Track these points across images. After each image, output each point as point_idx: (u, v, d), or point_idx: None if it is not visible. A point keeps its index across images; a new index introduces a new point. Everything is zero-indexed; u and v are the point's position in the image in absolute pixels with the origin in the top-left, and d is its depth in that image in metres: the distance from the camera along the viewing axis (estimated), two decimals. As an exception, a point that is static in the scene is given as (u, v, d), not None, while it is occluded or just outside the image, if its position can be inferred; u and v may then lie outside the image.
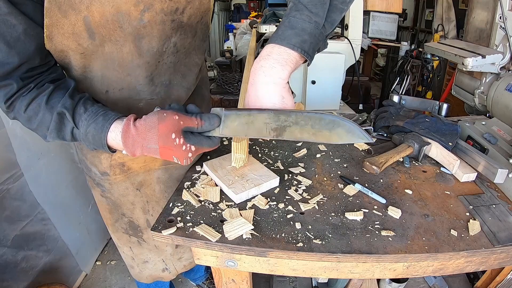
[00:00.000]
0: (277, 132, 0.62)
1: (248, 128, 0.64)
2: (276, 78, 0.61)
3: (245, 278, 0.84)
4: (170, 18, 0.70)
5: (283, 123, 0.62)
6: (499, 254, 0.72)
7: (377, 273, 0.75)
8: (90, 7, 0.60)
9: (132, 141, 0.62)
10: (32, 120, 0.65)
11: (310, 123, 0.62)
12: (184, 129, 0.62)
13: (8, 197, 1.26)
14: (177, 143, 0.61)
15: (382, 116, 1.21)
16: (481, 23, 1.30)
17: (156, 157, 0.64)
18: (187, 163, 0.65)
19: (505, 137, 1.05)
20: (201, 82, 1.02)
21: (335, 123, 0.62)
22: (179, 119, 0.61)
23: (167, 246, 1.09)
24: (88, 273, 1.77)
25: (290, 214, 0.77)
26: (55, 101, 0.64)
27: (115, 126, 0.63)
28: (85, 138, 0.65)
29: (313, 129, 0.62)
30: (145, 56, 0.73)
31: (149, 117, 0.62)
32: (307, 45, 0.62)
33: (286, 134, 0.62)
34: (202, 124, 0.63)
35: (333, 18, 0.65)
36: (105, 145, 0.64)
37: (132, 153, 0.64)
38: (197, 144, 0.64)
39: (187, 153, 0.64)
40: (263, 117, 0.63)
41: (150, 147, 0.62)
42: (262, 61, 0.62)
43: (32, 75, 0.64)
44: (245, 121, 0.64)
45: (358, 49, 1.60)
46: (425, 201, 0.83)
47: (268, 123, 0.62)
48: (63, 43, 0.64)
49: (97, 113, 0.64)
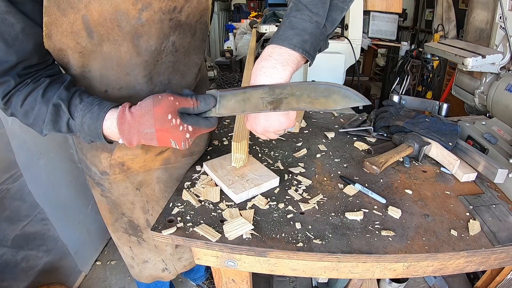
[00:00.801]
0: (273, 104, 0.62)
1: (244, 105, 0.63)
2: (277, 78, 0.61)
3: (245, 278, 0.84)
4: (168, 17, 0.70)
5: (279, 95, 0.62)
6: (499, 254, 0.72)
7: (377, 273, 0.75)
8: (88, 6, 0.61)
9: (128, 127, 0.62)
10: (29, 115, 0.65)
11: (306, 92, 0.61)
12: (180, 110, 0.62)
13: (7, 197, 1.26)
14: (174, 124, 0.61)
15: (382, 116, 1.21)
16: (481, 23, 1.30)
17: (154, 144, 0.63)
18: (185, 147, 0.65)
19: (505, 137, 1.05)
20: (200, 82, 1.02)
21: (331, 90, 0.61)
22: (174, 99, 0.61)
23: (167, 246, 1.09)
24: (88, 273, 1.77)
25: (290, 214, 0.77)
26: (51, 93, 0.64)
27: (110, 114, 0.63)
28: (81, 128, 0.65)
29: (309, 97, 0.61)
30: (144, 55, 0.73)
31: (144, 101, 0.62)
32: (308, 45, 0.62)
33: (283, 105, 0.62)
34: (198, 104, 0.63)
35: (334, 18, 0.65)
36: (101, 134, 0.64)
37: (128, 141, 0.63)
38: (194, 124, 0.64)
39: (184, 134, 0.63)
40: (259, 93, 0.62)
41: (147, 131, 0.61)
42: (263, 61, 0.62)
43: (29, 72, 0.64)
44: (241, 98, 0.63)
45: (358, 49, 1.60)
46: (425, 201, 0.83)
47: (264, 97, 0.62)
48: (62, 41, 0.65)
49: (93, 103, 0.64)
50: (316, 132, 1.21)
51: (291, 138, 1.15)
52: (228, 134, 1.18)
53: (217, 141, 1.12)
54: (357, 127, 1.22)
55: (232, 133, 0.91)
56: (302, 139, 1.15)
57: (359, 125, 1.23)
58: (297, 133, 1.19)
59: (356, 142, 1.13)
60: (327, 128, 1.24)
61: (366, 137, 1.17)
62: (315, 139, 1.15)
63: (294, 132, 1.20)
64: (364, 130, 1.20)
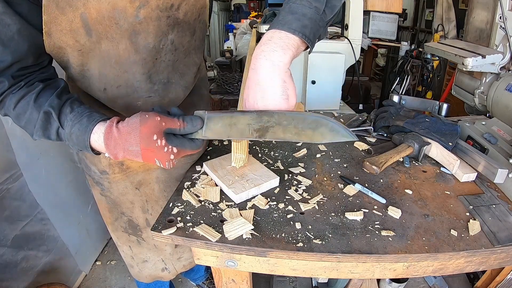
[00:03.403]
0: (259, 132, 0.62)
1: (230, 130, 0.63)
2: (277, 61, 0.60)
3: (245, 278, 0.84)
4: (166, 15, 0.70)
5: (266, 123, 0.61)
6: (499, 254, 0.72)
7: (377, 273, 0.75)
8: (87, 4, 0.61)
9: (114, 144, 0.62)
10: (21, 118, 0.66)
11: (293, 123, 0.61)
12: (166, 131, 0.62)
13: (7, 197, 1.26)
14: (159, 144, 0.61)
15: (382, 116, 1.21)
16: (481, 23, 1.29)
17: (138, 160, 0.63)
18: (169, 167, 0.65)
19: (505, 137, 1.05)
20: (200, 81, 1.02)
21: (318, 123, 0.61)
22: (161, 120, 0.61)
23: (166, 245, 1.09)
24: (88, 273, 1.77)
25: (290, 214, 0.76)
26: (43, 100, 0.64)
27: (98, 128, 0.64)
28: (70, 138, 0.65)
29: (296, 128, 0.61)
30: (142, 53, 0.73)
31: (131, 119, 0.62)
32: (308, 30, 0.61)
33: (269, 134, 0.62)
34: (184, 125, 0.63)
35: (333, 4, 0.65)
36: (88, 146, 0.64)
37: (114, 156, 0.64)
38: (179, 146, 0.64)
39: (168, 155, 0.63)
40: (246, 119, 0.62)
41: (132, 149, 0.62)
42: (263, 45, 0.61)
43: (24, 73, 0.65)
44: (228, 123, 0.63)
45: (358, 49, 1.60)
46: (425, 201, 0.83)
47: (251, 124, 0.62)
48: (61, 39, 0.65)
49: (83, 114, 0.65)
50: (316, 132, 1.21)
51: (291, 138, 1.15)
52: (228, 134, 1.17)
53: (217, 141, 1.12)
54: (357, 127, 1.22)
55: (232, 133, 0.91)
56: (302, 139, 1.15)
57: (359, 125, 1.23)
58: (297, 133, 1.19)
59: (356, 142, 1.13)
60: (327, 128, 1.24)
61: (366, 137, 1.17)
62: (315, 139, 1.15)
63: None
64: (364, 130, 1.20)
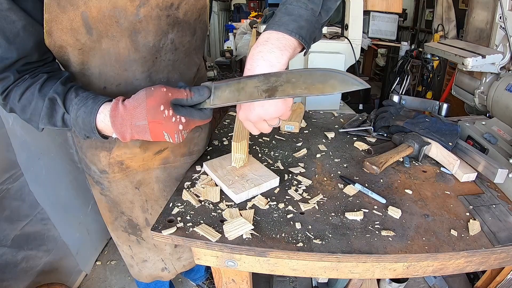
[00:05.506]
0: (269, 92, 0.60)
1: (239, 94, 0.62)
2: (275, 62, 0.60)
3: (245, 278, 0.84)
4: (166, 13, 0.71)
5: (274, 83, 0.60)
6: (499, 254, 0.72)
7: (377, 273, 0.75)
8: (87, 3, 0.62)
9: (121, 120, 0.61)
10: (26, 109, 0.66)
11: (301, 79, 0.59)
12: (173, 101, 0.62)
13: (8, 197, 1.26)
14: (166, 115, 0.60)
15: (382, 116, 1.21)
16: (481, 23, 1.30)
17: (147, 137, 0.63)
18: (179, 140, 0.64)
19: (505, 137, 1.05)
20: (199, 82, 1.02)
21: (327, 76, 0.59)
22: (167, 91, 0.61)
23: (166, 245, 1.09)
24: (88, 273, 1.77)
25: (290, 214, 0.77)
26: (48, 88, 0.65)
27: (104, 108, 0.63)
28: (75, 123, 0.65)
29: (305, 83, 0.59)
30: (141, 51, 0.73)
31: (137, 94, 0.62)
32: (304, 31, 0.61)
33: (279, 92, 0.60)
34: (191, 95, 0.62)
35: (329, 6, 0.65)
36: (95, 128, 0.64)
37: (121, 135, 0.63)
38: (187, 115, 0.63)
39: (177, 125, 0.62)
40: (253, 82, 0.61)
41: (139, 124, 0.61)
42: (260, 46, 0.61)
43: (29, 68, 0.65)
44: (236, 88, 0.62)
45: (358, 49, 1.60)
46: (425, 201, 0.83)
47: (259, 86, 0.60)
48: (62, 38, 0.65)
49: (87, 97, 0.65)
50: (316, 132, 1.21)
51: (291, 138, 1.15)
52: (228, 134, 1.18)
53: (217, 141, 1.12)
54: (357, 127, 1.22)
55: (232, 133, 0.91)
56: (302, 139, 1.15)
57: (359, 125, 1.23)
58: (297, 133, 1.19)
59: (356, 142, 1.13)
60: (327, 128, 1.24)
61: (366, 137, 1.17)
62: (315, 139, 1.15)
63: (294, 132, 1.20)
64: (364, 130, 1.20)
